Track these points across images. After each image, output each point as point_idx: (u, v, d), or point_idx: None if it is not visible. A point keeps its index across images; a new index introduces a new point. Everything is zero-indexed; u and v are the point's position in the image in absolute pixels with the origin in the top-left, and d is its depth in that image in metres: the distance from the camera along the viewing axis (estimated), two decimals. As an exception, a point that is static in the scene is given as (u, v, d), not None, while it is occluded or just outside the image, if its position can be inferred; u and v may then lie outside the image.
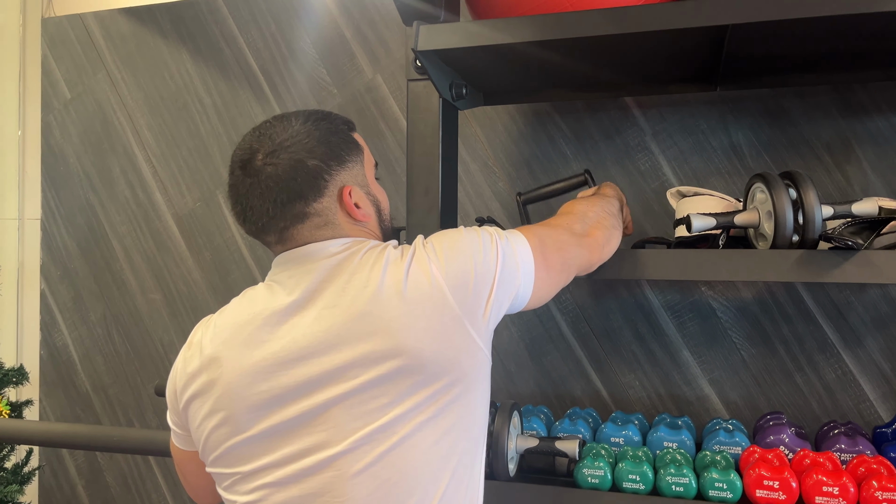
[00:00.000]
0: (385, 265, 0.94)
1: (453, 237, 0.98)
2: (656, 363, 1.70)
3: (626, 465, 1.23)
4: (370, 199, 1.05)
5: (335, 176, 1.00)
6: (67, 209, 2.29)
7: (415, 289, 0.91)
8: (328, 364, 0.90)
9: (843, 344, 1.58)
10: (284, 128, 1.00)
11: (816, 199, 1.10)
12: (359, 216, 1.02)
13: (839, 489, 1.12)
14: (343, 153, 1.02)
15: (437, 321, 0.91)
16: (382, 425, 0.88)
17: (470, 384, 0.93)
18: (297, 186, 0.97)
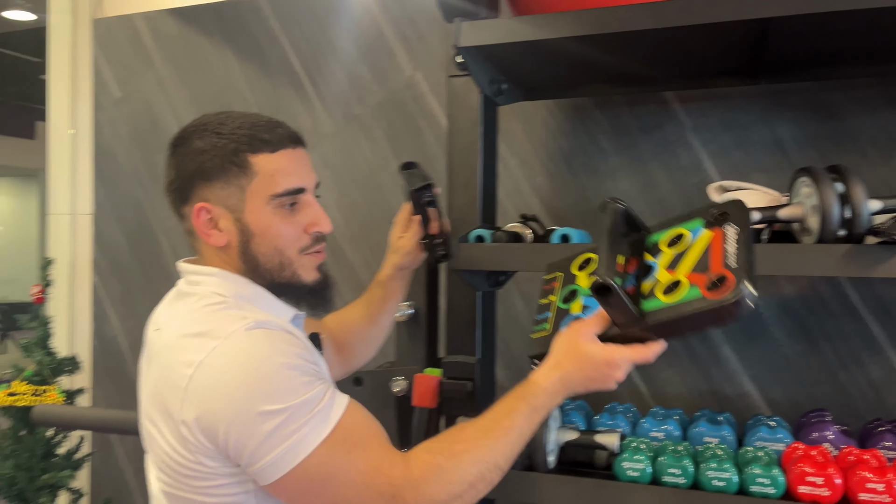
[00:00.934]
0: (184, 324, 1.00)
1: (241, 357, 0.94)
2: (696, 359, 1.69)
3: (666, 458, 1.23)
4: (237, 226, 1.02)
5: (196, 191, 1.02)
6: (117, 205, 2.36)
7: (173, 371, 0.97)
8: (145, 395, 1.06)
9: (891, 342, 1.56)
10: (194, 128, 1.04)
11: (864, 192, 1.09)
12: (207, 238, 1.03)
13: (885, 486, 1.11)
14: (214, 173, 1.00)
15: (168, 418, 0.98)
16: None
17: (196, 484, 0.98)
18: (169, 183, 1.05)
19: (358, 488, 0.91)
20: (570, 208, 1.80)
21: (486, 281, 1.48)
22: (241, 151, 1.00)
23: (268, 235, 1.02)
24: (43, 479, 1.96)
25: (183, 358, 0.93)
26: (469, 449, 0.96)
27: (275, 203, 1.02)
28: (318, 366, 1.00)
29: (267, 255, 1.03)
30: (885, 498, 1.11)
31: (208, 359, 0.91)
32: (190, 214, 1.03)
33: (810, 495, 1.14)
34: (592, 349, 0.96)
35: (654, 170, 1.73)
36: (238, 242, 1.02)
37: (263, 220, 1.02)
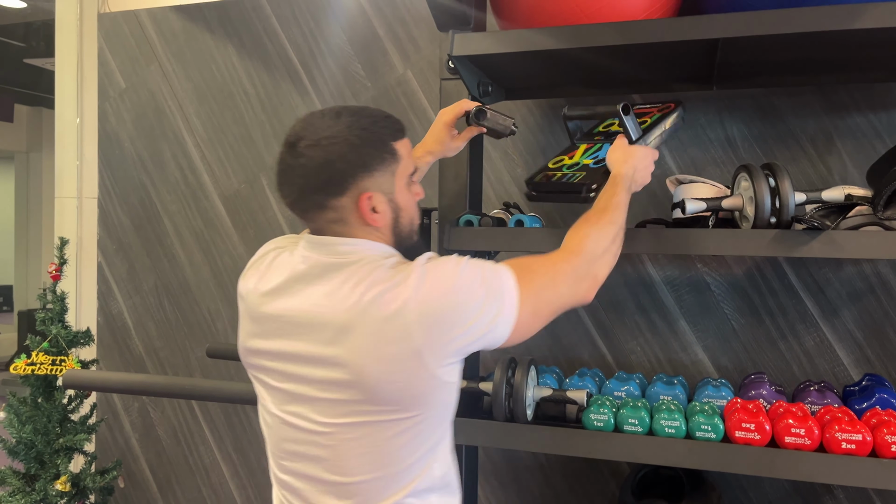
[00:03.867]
0: (369, 280, 1.05)
1: (445, 270, 1.06)
2: (656, 331, 1.91)
3: (626, 411, 1.45)
4: (391, 206, 1.13)
5: (359, 181, 1.08)
6: (122, 189, 2.51)
7: (381, 313, 1.02)
8: (313, 349, 1.07)
9: (822, 315, 1.79)
10: (330, 125, 1.09)
11: (790, 187, 1.30)
12: (371, 221, 1.11)
13: (805, 431, 1.33)
14: (372, 163, 1.09)
15: (393, 350, 1.02)
16: (332, 423, 1.07)
17: (420, 410, 1.06)
18: (320, 182, 1.08)
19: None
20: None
21: (472, 260, 1.67)
22: (389, 140, 1.12)
23: (408, 210, 1.17)
24: (59, 442, 2.12)
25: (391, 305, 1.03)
26: (601, 219, 1.24)
27: (409, 181, 1.17)
28: None
29: (406, 226, 1.17)
30: (805, 441, 1.33)
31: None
32: (349, 205, 1.09)
33: (744, 439, 1.36)
34: (639, 149, 1.39)
35: (621, 163, 1.94)
36: (390, 220, 1.14)
37: (405, 198, 1.16)
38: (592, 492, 1.96)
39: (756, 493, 1.81)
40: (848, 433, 1.31)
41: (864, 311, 1.76)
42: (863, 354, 1.77)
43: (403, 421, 1.06)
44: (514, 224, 1.53)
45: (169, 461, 2.46)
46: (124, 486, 2.50)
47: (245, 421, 2.36)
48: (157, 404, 2.47)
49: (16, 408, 2.13)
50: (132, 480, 2.51)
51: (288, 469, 1.15)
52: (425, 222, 1.80)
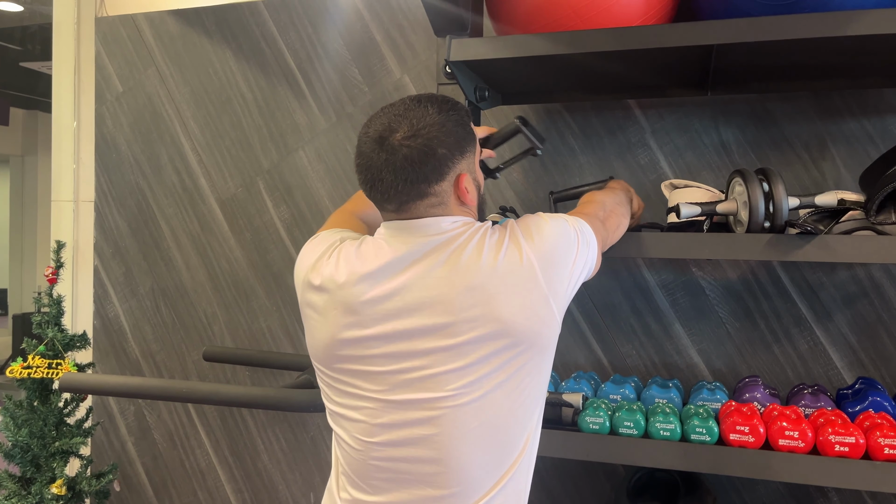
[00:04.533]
0: (487, 244, 1.11)
1: (542, 222, 1.15)
2: (651, 335, 1.92)
3: (622, 414, 1.46)
4: (475, 184, 1.19)
5: (456, 164, 1.12)
6: (119, 192, 2.52)
7: (510, 266, 1.08)
8: (435, 319, 1.09)
9: (816, 319, 1.81)
10: (422, 114, 1.10)
11: (784, 191, 1.32)
12: (467, 200, 1.16)
13: (799, 433, 1.34)
14: (465, 144, 1.14)
15: (528, 297, 1.08)
16: (476, 378, 1.08)
17: (545, 350, 1.12)
18: (425, 170, 1.09)
19: None
20: (542, 201, 2.01)
21: (469, 264, 1.68)
22: (469, 122, 1.17)
23: (481, 184, 1.23)
24: (55, 445, 2.11)
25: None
26: (607, 194, 1.39)
27: (478, 157, 1.23)
28: None
29: (477, 201, 1.21)
30: (799, 444, 1.35)
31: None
32: (448, 188, 1.13)
33: (739, 441, 1.37)
34: None
35: (617, 168, 1.96)
36: (475, 196, 1.19)
37: (480, 174, 1.23)
38: (588, 495, 1.97)
39: (751, 495, 1.82)
40: (841, 436, 1.33)
41: (858, 314, 1.78)
42: (856, 358, 1.78)
43: (537, 365, 1.12)
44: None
45: (165, 465, 2.46)
46: (120, 490, 2.50)
47: (241, 424, 2.36)
48: (153, 408, 2.47)
49: (12, 411, 2.13)
50: (128, 484, 2.51)
51: (389, 457, 1.13)
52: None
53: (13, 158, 8.49)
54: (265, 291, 2.33)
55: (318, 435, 2.27)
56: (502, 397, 1.10)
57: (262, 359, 2.13)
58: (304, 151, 2.28)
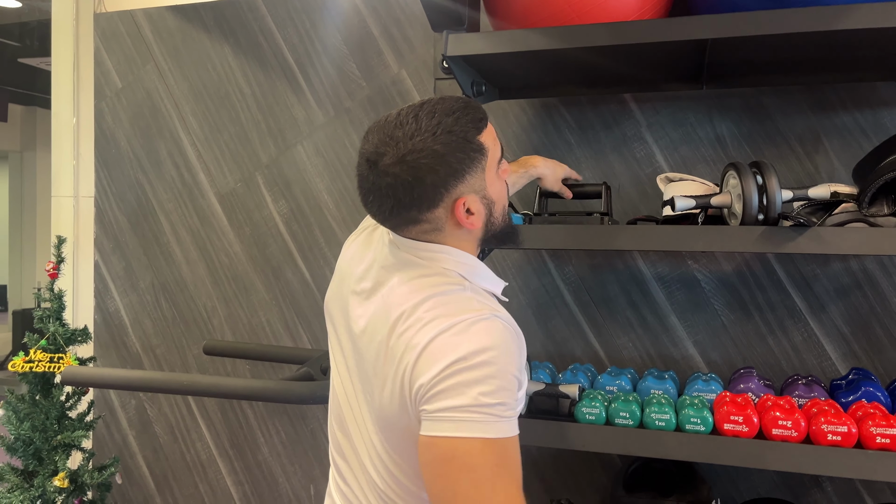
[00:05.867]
0: (407, 326, 1.02)
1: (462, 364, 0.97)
2: (647, 327, 1.94)
3: (617, 404, 1.47)
4: (484, 203, 1.07)
5: (451, 191, 1.03)
6: (119, 188, 2.53)
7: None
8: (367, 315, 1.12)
9: (810, 310, 1.82)
10: (411, 134, 1.01)
11: (777, 184, 1.33)
12: (467, 225, 1.06)
13: (792, 423, 1.36)
14: (463, 168, 1.03)
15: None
16: None
17: None
18: (413, 198, 1.02)
19: (481, 500, 0.94)
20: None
21: (466, 257, 1.70)
22: (474, 136, 1.04)
23: (501, 200, 1.12)
24: (57, 439, 2.13)
25: (421, 334, 1.00)
26: None
27: (498, 169, 1.11)
28: (523, 368, 1.05)
29: (499, 217, 1.12)
30: (792, 433, 1.36)
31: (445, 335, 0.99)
32: (444, 215, 1.05)
33: (733, 431, 1.39)
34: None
35: (613, 161, 1.97)
36: (485, 217, 1.09)
37: (497, 188, 1.10)
38: (584, 486, 1.99)
39: (745, 485, 1.84)
40: (834, 425, 1.34)
41: (851, 306, 1.79)
42: (850, 349, 1.80)
43: None
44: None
45: (166, 458, 2.48)
46: (122, 483, 2.52)
47: (241, 417, 2.38)
48: (154, 401, 2.49)
49: (14, 405, 2.15)
50: (129, 477, 2.53)
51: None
52: None
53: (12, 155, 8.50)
54: (264, 285, 2.35)
55: (317, 427, 2.29)
56: None
57: (261, 352, 2.15)
58: (303, 146, 2.30)
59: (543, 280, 2.02)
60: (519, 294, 2.05)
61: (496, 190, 1.10)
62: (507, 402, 0.96)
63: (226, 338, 2.40)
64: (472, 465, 0.94)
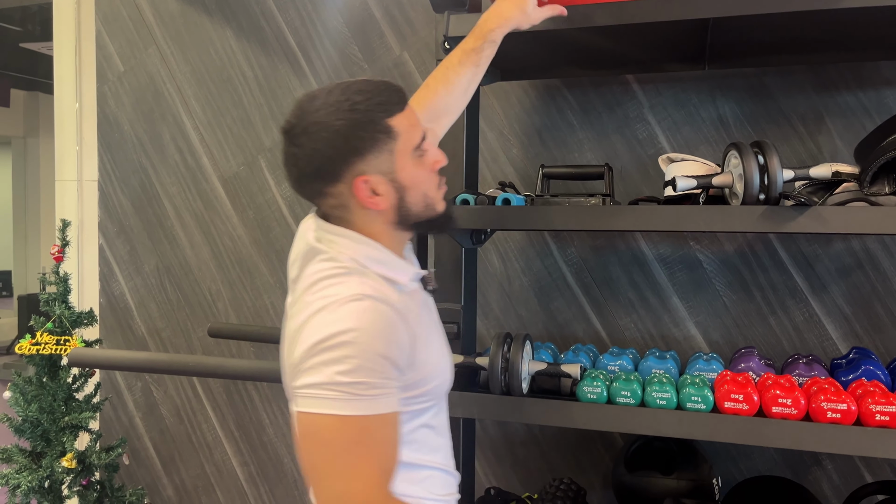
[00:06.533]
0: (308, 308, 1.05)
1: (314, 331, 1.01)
2: (649, 308, 1.95)
3: (619, 384, 1.49)
4: (394, 186, 1.09)
5: (351, 167, 1.06)
6: (122, 172, 2.54)
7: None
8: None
9: (811, 290, 1.83)
10: (318, 108, 1.05)
11: (778, 164, 1.33)
12: (371, 205, 1.08)
13: (792, 401, 1.37)
14: (365, 147, 1.05)
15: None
16: None
17: None
18: (313, 170, 1.07)
19: (332, 479, 0.98)
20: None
21: (469, 239, 1.71)
22: (382, 118, 1.06)
23: (417, 185, 1.12)
24: (65, 420, 2.16)
25: (301, 315, 1.05)
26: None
27: (415, 155, 1.11)
28: (403, 357, 1.06)
29: (417, 203, 1.12)
30: (792, 411, 1.38)
31: (315, 316, 1.03)
32: (346, 191, 1.08)
33: (733, 409, 1.40)
34: None
35: (615, 143, 1.97)
36: (394, 201, 1.10)
37: (411, 173, 1.10)
38: (586, 465, 2.01)
39: (746, 464, 1.86)
40: (833, 402, 1.35)
41: (853, 285, 1.80)
42: (850, 328, 1.81)
43: None
44: (500, 202, 1.56)
45: (172, 439, 2.51)
46: (129, 463, 2.55)
47: (247, 398, 2.40)
48: (160, 383, 2.51)
49: (21, 387, 2.17)
50: (136, 458, 2.56)
51: None
52: None
53: (15, 140, 8.49)
54: (268, 268, 2.36)
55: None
56: None
57: (266, 334, 2.16)
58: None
59: (546, 261, 2.03)
60: (521, 275, 2.05)
61: (410, 175, 1.11)
62: (369, 381, 0.98)
63: (230, 321, 2.42)
64: (326, 441, 0.98)
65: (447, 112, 1.42)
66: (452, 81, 1.38)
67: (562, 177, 1.69)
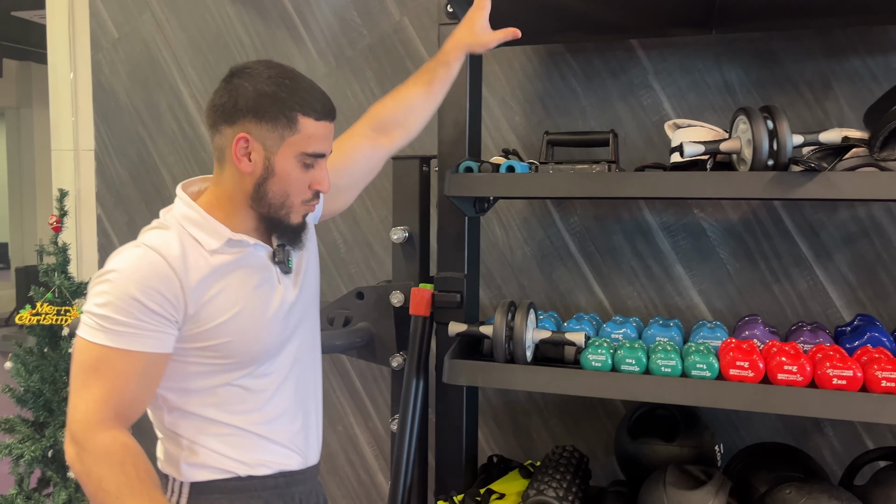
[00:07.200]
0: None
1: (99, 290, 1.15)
2: (652, 277, 1.94)
3: (623, 351, 1.48)
4: (266, 164, 1.20)
5: (243, 122, 1.18)
6: (119, 141, 2.50)
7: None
8: None
9: (816, 258, 1.82)
10: (259, 72, 1.20)
11: (788, 129, 1.32)
12: (240, 165, 1.20)
13: (797, 368, 1.37)
14: (265, 118, 1.18)
15: None
16: None
17: None
18: (221, 106, 1.20)
19: (71, 392, 1.15)
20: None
21: (472, 207, 1.69)
22: (295, 111, 1.19)
23: (285, 180, 1.22)
24: (67, 390, 2.15)
25: None
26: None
27: (301, 158, 1.22)
28: (166, 305, 1.16)
29: (275, 194, 1.23)
30: (797, 378, 1.37)
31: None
32: (230, 137, 1.20)
33: (738, 377, 1.40)
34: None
35: (619, 109, 1.95)
36: (259, 175, 1.22)
37: (287, 168, 1.22)
38: (589, 433, 2.02)
39: (748, 431, 1.87)
40: (839, 369, 1.35)
41: (858, 253, 1.79)
42: (855, 297, 1.80)
43: None
44: (505, 170, 1.54)
45: (174, 409, 2.51)
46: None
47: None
48: (161, 354, 2.50)
49: (22, 357, 2.17)
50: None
51: None
52: (424, 170, 1.82)
53: (8, 111, 8.41)
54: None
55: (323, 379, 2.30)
56: None
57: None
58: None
59: (548, 231, 2.02)
60: (524, 245, 2.04)
61: (285, 168, 1.22)
62: (116, 317, 1.12)
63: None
64: (76, 359, 1.15)
65: (399, 126, 1.51)
66: (402, 96, 1.51)
67: (566, 144, 1.67)
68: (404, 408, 1.71)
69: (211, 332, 1.20)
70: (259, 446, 1.29)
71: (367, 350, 1.85)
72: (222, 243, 1.23)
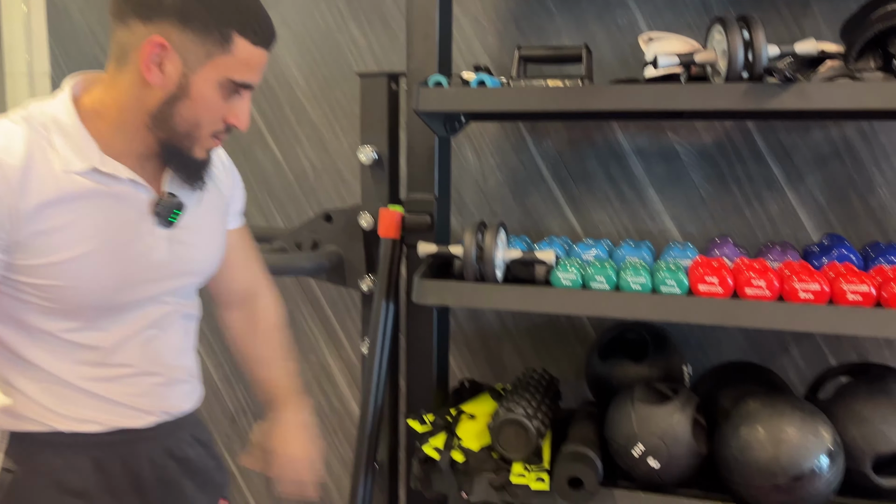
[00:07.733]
0: None
1: None
2: (625, 201, 1.93)
3: (593, 269, 1.47)
4: (180, 81, 1.01)
5: (165, 24, 0.97)
6: (75, 65, 2.39)
7: None
8: None
9: (787, 181, 1.82)
10: None
11: (763, 38, 1.28)
12: (146, 73, 0.99)
13: (766, 283, 1.37)
14: (193, 23, 0.98)
15: None
16: None
17: None
18: (126, 2, 1.00)
19: None
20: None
21: (442, 126, 1.65)
22: (232, 27, 1.01)
23: (199, 105, 1.03)
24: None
25: None
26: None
27: (225, 84, 1.04)
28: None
29: (183, 119, 1.04)
30: (765, 293, 1.38)
31: None
32: (141, 37, 0.99)
33: (707, 292, 1.40)
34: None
35: (594, 30, 1.89)
36: (169, 93, 1.02)
37: (205, 91, 1.03)
38: (560, 357, 2.03)
39: (715, 351, 1.89)
40: (806, 283, 1.35)
41: (829, 175, 1.79)
42: (825, 218, 1.81)
43: None
44: (475, 85, 1.49)
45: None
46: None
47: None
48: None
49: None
50: None
51: None
52: (393, 88, 1.76)
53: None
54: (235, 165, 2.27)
55: (295, 309, 2.28)
56: None
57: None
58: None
59: (521, 156, 1.98)
60: (496, 171, 2.01)
61: (203, 92, 1.03)
62: None
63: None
64: None
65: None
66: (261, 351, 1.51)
67: (539, 59, 1.62)
68: (374, 330, 1.70)
69: (40, 270, 1.02)
70: (86, 403, 1.13)
71: (337, 273, 1.83)
72: (84, 169, 1.03)
